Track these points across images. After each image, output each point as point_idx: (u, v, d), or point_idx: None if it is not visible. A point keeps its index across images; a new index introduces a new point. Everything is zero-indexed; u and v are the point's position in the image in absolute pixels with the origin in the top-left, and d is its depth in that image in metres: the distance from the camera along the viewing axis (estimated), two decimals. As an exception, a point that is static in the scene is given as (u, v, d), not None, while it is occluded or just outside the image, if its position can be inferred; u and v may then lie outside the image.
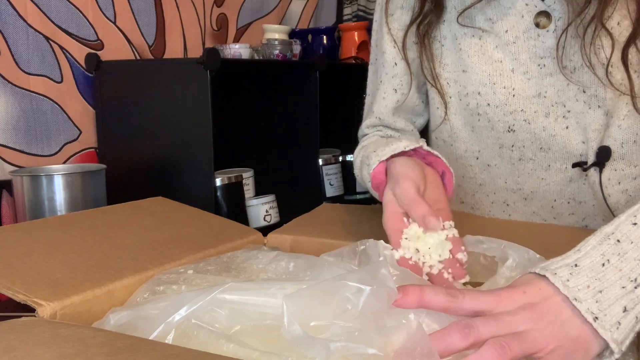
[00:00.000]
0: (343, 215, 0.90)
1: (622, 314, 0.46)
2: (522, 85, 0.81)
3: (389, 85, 0.90)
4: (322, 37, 1.94)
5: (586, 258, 0.49)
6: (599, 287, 0.47)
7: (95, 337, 0.48)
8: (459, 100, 0.87)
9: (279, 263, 0.67)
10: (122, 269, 0.65)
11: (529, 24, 0.79)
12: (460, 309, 0.48)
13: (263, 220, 1.50)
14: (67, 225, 0.77)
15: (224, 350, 0.48)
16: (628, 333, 0.46)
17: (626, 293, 0.47)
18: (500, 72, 0.82)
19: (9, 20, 1.34)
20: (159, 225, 0.81)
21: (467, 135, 0.88)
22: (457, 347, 0.45)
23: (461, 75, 0.85)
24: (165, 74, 1.42)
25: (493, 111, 0.84)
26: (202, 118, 1.31)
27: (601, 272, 0.48)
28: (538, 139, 0.82)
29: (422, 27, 0.86)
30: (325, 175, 1.73)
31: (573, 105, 0.79)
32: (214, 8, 1.85)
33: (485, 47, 0.83)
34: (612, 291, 0.47)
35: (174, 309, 0.53)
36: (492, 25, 0.82)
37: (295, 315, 0.46)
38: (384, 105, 0.91)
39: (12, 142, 1.36)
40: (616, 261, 0.48)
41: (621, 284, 0.47)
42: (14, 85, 1.36)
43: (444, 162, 0.72)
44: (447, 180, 0.71)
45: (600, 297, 0.46)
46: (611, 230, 0.50)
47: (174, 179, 1.40)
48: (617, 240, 0.49)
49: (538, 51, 0.79)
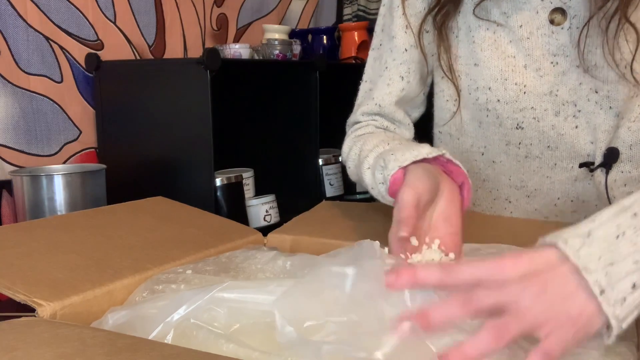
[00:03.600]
0: (343, 214, 0.90)
1: (630, 289, 0.44)
2: (533, 83, 0.80)
3: (395, 71, 0.86)
4: (322, 37, 1.94)
5: (600, 229, 0.46)
6: (610, 260, 0.44)
7: (95, 337, 0.48)
8: (469, 94, 0.85)
9: (276, 262, 0.67)
10: (122, 269, 0.65)
11: (543, 20, 0.78)
12: (458, 281, 0.46)
13: (263, 220, 1.50)
14: (67, 225, 0.77)
15: (224, 350, 0.49)
16: (632, 310, 0.44)
17: (638, 269, 0.44)
18: (512, 67, 0.81)
19: (9, 20, 1.34)
20: (159, 225, 0.82)
21: (474, 130, 0.87)
22: (456, 314, 0.44)
23: (472, 68, 0.84)
24: (165, 74, 1.42)
25: (502, 107, 0.82)
26: (202, 118, 1.31)
27: (614, 244, 0.45)
28: (546, 137, 0.82)
29: (440, 17, 0.83)
30: (325, 175, 1.73)
31: (584, 105, 0.79)
32: (214, 8, 1.85)
33: (499, 41, 0.81)
34: (624, 265, 0.44)
35: (172, 308, 0.53)
36: (506, 20, 0.81)
37: (288, 318, 0.46)
38: (388, 93, 0.87)
39: (12, 142, 1.36)
40: (631, 234, 0.45)
41: (634, 258, 0.45)
42: (14, 85, 1.36)
43: (464, 172, 0.68)
44: (465, 191, 0.67)
45: (611, 270, 0.44)
46: (629, 203, 0.47)
47: (174, 179, 1.40)
48: (634, 214, 0.46)
49: (552, 48, 0.79)
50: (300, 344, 0.45)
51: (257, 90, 1.72)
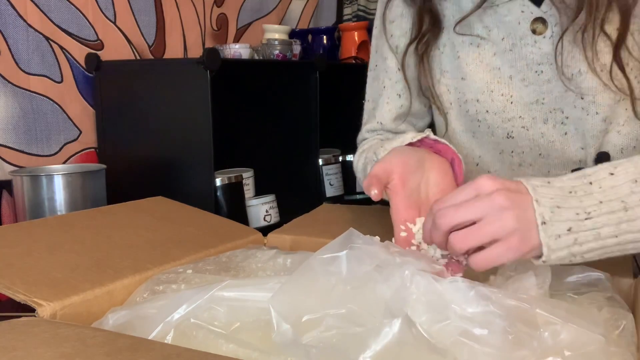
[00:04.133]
0: (343, 215, 0.90)
1: (565, 231, 0.55)
2: (520, 93, 0.81)
3: (392, 90, 0.91)
4: (322, 37, 1.94)
5: (558, 182, 0.57)
6: (558, 204, 0.56)
7: (95, 337, 0.48)
8: (459, 107, 0.87)
9: (276, 260, 0.68)
10: (122, 269, 0.65)
11: (525, 30, 0.79)
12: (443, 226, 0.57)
13: (263, 220, 1.50)
14: (67, 225, 0.77)
15: (224, 350, 0.49)
16: (562, 247, 0.55)
17: (577, 219, 0.55)
18: (498, 79, 0.82)
19: (9, 20, 1.34)
20: (159, 225, 0.82)
21: (468, 140, 0.88)
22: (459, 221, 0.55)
23: (460, 82, 0.85)
24: (165, 74, 1.42)
25: (492, 118, 0.84)
26: (202, 118, 1.31)
27: (566, 196, 0.56)
28: (537, 145, 0.83)
29: (421, 46, 0.86)
30: (325, 175, 1.73)
31: (571, 112, 0.79)
32: (214, 8, 1.85)
33: (483, 54, 0.83)
34: (567, 212, 0.55)
35: (172, 308, 0.53)
36: (489, 33, 0.82)
37: (285, 315, 0.46)
38: (387, 110, 0.92)
39: (12, 142, 1.36)
40: (581, 195, 0.56)
41: (576, 211, 0.55)
42: (14, 85, 1.36)
43: (452, 149, 0.72)
44: (456, 166, 0.71)
45: (556, 210, 0.55)
46: (589, 172, 0.58)
47: (174, 179, 1.40)
48: (590, 183, 0.57)
49: (535, 57, 0.79)
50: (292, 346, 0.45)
51: (257, 90, 1.72)
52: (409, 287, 0.50)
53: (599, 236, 0.55)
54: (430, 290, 0.51)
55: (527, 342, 0.47)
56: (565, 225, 0.55)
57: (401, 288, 0.50)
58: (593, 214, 0.55)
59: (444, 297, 0.50)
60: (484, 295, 0.51)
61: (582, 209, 0.55)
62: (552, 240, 0.55)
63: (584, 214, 0.55)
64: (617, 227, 0.55)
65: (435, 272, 0.55)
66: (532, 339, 0.48)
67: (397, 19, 0.89)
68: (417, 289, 0.50)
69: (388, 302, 0.48)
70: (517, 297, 0.52)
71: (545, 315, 0.50)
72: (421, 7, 0.84)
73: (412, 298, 0.50)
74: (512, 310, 0.50)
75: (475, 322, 0.48)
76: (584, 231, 0.55)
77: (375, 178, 0.65)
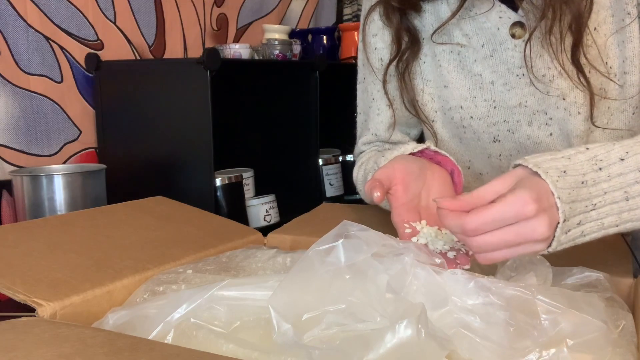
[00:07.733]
0: (343, 215, 0.90)
1: (575, 225, 0.56)
2: (502, 97, 0.82)
3: (382, 101, 0.91)
4: (322, 37, 1.94)
5: (572, 170, 0.56)
6: (573, 198, 0.56)
7: (95, 337, 0.48)
8: (444, 114, 0.87)
9: (276, 259, 0.68)
10: (122, 269, 0.65)
11: (505, 35, 0.79)
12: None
13: (263, 220, 1.50)
14: (67, 225, 0.77)
15: (224, 350, 0.49)
16: (569, 240, 0.56)
17: (585, 212, 0.56)
18: (480, 85, 0.82)
19: (9, 20, 1.34)
20: (159, 225, 0.82)
21: (456, 146, 0.89)
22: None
23: (443, 90, 0.86)
24: (165, 74, 1.42)
25: (477, 123, 0.84)
26: (202, 118, 1.31)
27: (579, 187, 0.56)
28: (524, 147, 0.83)
29: (401, 64, 0.86)
30: (325, 175, 1.73)
31: (554, 113, 0.80)
32: (214, 8, 1.85)
33: (464, 61, 0.83)
34: (579, 206, 0.56)
35: (172, 308, 0.53)
36: (469, 40, 0.82)
37: (285, 315, 0.45)
38: (379, 122, 0.92)
39: (12, 142, 1.36)
40: (590, 185, 0.57)
41: (585, 203, 0.56)
42: (14, 85, 1.36)
43: (452, 160, 0.73)
44: (456, 178, 0.72)
45: (572, 205, 0.55)
46: (601, 155, 0.58)
47: (174, 179, 1.40)
48: (600, 169, 0.57)
49: (516, 61, 0.79)
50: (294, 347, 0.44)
51: (257, 90, 1.72)
52: (409, 273, 0.50)
53: (602, 226, 0.57)
54: (430, 281, 0.51)
55: (528, 333, 0.47)
56: (576, 220, 0.56)
57: (402, 272, 0.50)
58: (598, 205, 0.56)
59: (443, 288, 0.51)
60: (483, 287, 0.51)
61: (590, 200, 0.56)
62: (564, 235, 0.55)
63: (590, 205, 0.56)
64: (618, 217, 0.57)
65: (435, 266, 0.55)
66: (534, 329, 0.48)
67: (379, 32, 0.89)
68: (416, 280, 0.50)
69: (389, 281, 0.48)
70: (517, 286, 0.52)
71: (547, 302, 0.50)
72: (398, 27, 0.85)
73: (412, 289, 0.50)
74: (512, 300, 0.50)
75: (475, 314, 0.48)
76: (589, 222, 0.56)
77: (377, 182, 0.66)
